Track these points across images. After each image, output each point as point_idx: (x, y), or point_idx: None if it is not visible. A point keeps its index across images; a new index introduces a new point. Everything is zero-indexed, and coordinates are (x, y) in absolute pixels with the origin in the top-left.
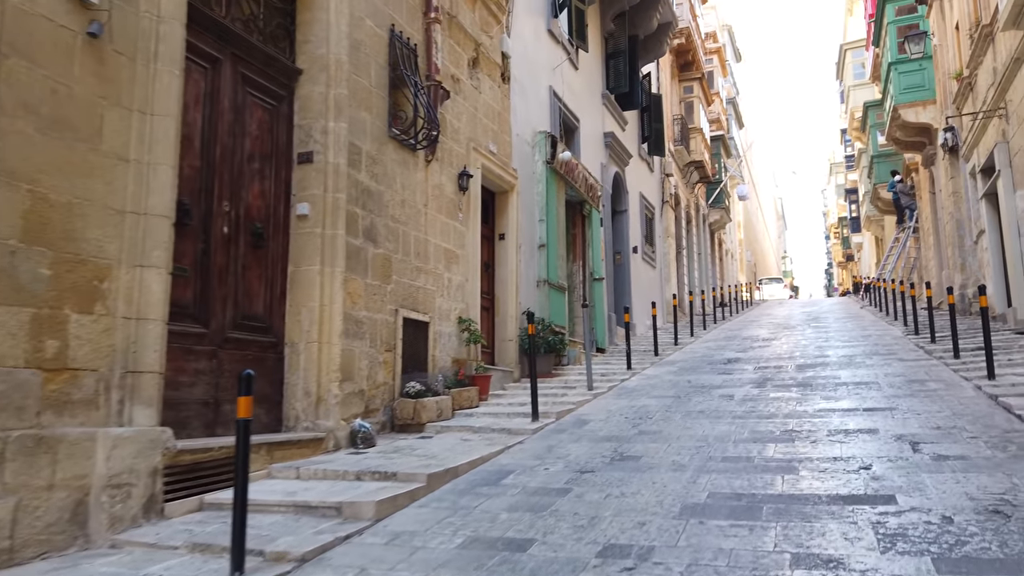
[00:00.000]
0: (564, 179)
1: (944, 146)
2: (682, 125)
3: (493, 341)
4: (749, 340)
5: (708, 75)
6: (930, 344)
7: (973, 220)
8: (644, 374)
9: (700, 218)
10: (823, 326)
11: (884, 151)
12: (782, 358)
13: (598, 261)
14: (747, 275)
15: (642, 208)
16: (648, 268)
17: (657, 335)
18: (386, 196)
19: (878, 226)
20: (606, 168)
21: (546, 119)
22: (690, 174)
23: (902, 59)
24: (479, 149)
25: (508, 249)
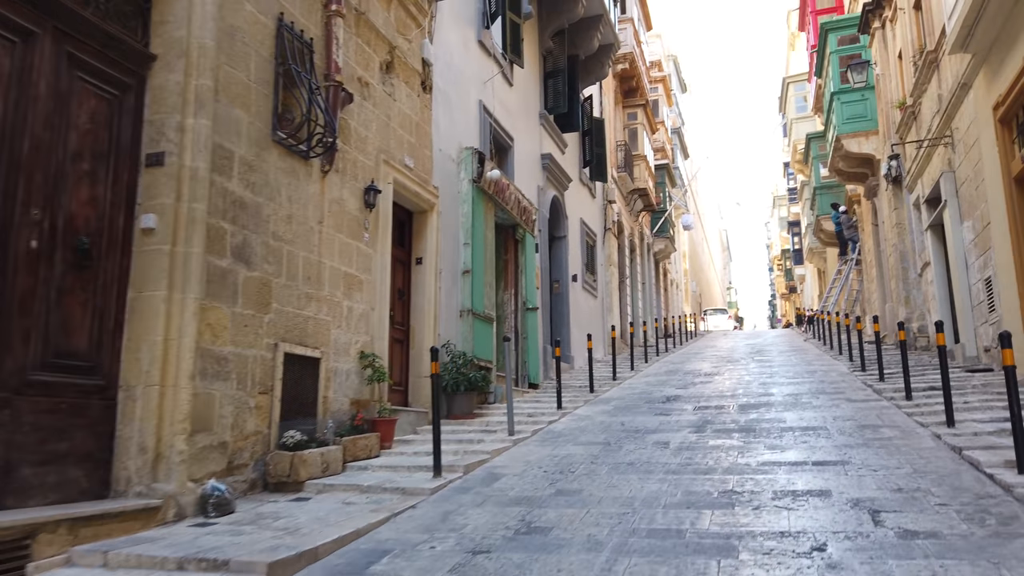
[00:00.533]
0: (494, 200)
1: (887, 176)
2: (626, 151)
3: (407, 378)
4: (691, 375)
5: (653, 103)
6: (879, 382)
7: (917, 252)
8: (576, 414)
9: (645, 247)
10: (767, 360)
11: (827, 183)
12: (724, 396)
13: (532, 290)
14: (692, 305)
15: (583, 235)
16: (589, 297)
17: (593, 370)
18: (266, 210)
19: (820, 258)
20: (543, 191)
21: (475, 135)
22: (634, 202)
23: (845, 89)
24: (392, 162)
25: (427, 275)
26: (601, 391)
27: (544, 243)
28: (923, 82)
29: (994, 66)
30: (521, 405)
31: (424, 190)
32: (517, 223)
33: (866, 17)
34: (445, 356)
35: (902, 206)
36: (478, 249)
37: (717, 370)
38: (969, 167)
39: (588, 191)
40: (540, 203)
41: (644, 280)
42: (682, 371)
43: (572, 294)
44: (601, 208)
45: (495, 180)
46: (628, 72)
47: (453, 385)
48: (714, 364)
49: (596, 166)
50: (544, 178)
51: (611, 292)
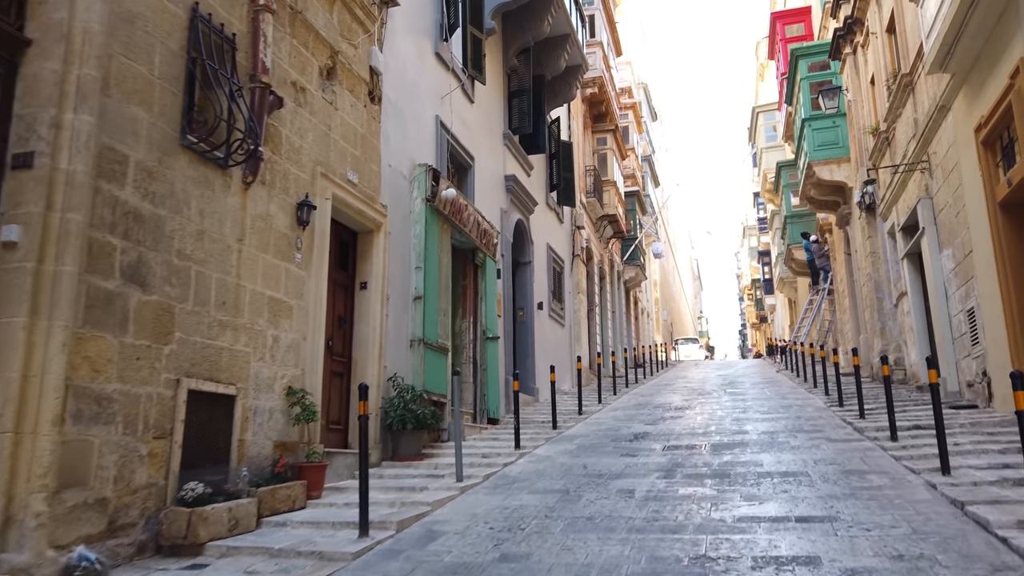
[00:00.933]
0: (450, 222)
1: (861, 204)
2: (595, 177)
3: (347, 415)
4: (661, 409)
5: (623, 130)
6: (860, 420)
7: (893, 282)
8: (535, 455)
9: (615, 275)
10: (740, 392)
11: (797, 211)
12: (696, 434)
13: (493, 318)
14: (664, 335)
15: (550, 261)
16: (556, 326)
17: (559, 403)
18: (171, 224)
19: (791, 288)
20: (507, 214)
21: (430, 152)
22: (603, 228)
23: (816, 115)
24: (331, 176)
25: (372, 301)
26: (565, 427)
27: (507, 269)
28: (897, 106)
29: (975, 86)
30: (476, 444)
31: (370, 208)
32: (477, 247)
33: (837, 43)
34: (391, 390)
35: (876, 234)
36: (431, 273)
37: (688, 404)
38: (948, 193)
39: (555, 216)
40: (503, 227)
41: (614, 309)
42: (652, 404)
43: (538, 323)
44: (569, 234)
45: (451, 200)
46: (597, 96)
47: (399, 422)
48: (685, 397)
49: (564, 190)
50: (508, 200)
51: (580, 321)
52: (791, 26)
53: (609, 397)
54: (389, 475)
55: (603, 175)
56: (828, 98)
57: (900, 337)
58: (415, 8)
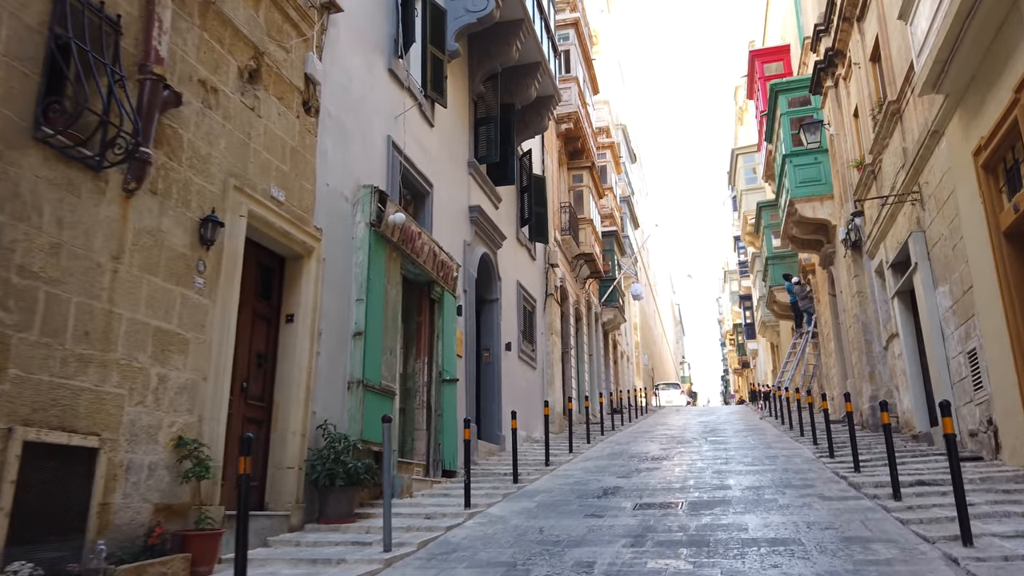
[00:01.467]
0: (400, 250)
1: (846, 241)
2: (571, 214)
3: (265, 469)
4: (637, 459)
5: (601, 169)
6: (855, 474)
7: (882, 323)
8: (488, 515)
9: (592, 316)
10: (722, 441)
11: (779, 253)
12: (672, 489)
13: (451, 358)
14: (644, 380)
15: (520, 299)
16: (527, 369)
17: (521, 454)
18: (9, 233)
19: (773, 332)
20: (471, 247)
21: (379, 174)
22: (579, 267)
23: (797, 151)
24: (249, 191)
25: (299, 336)
26: (528, 481)
27: (471, 305)
28: (884, 136)
29: (972, 107)
30: (422, 502)
31: (300, 230)
32: (433, 280)
33: (818, 76)
34: (321, 439)
35: (863, 273)
36: (375, 307)
37: (666, 453)
38: (943, 224)
39: (527, 252)
40: (466, 260)
41: (591, 351)
42: (627, 454)
43: (506, 364)
44: (542, 271)
45: (399, 225)
46: (573, 132)
47: (327, 478)
48: (664, 446)
49: (536, 226)
50: (472, 233)
51: (553, 363)
52: (770, 64)
53: (582, 445)
54: (308, 542)
55: (579, 212)
56: (810, 132)
57: (891, 382)
58: (365, 18)
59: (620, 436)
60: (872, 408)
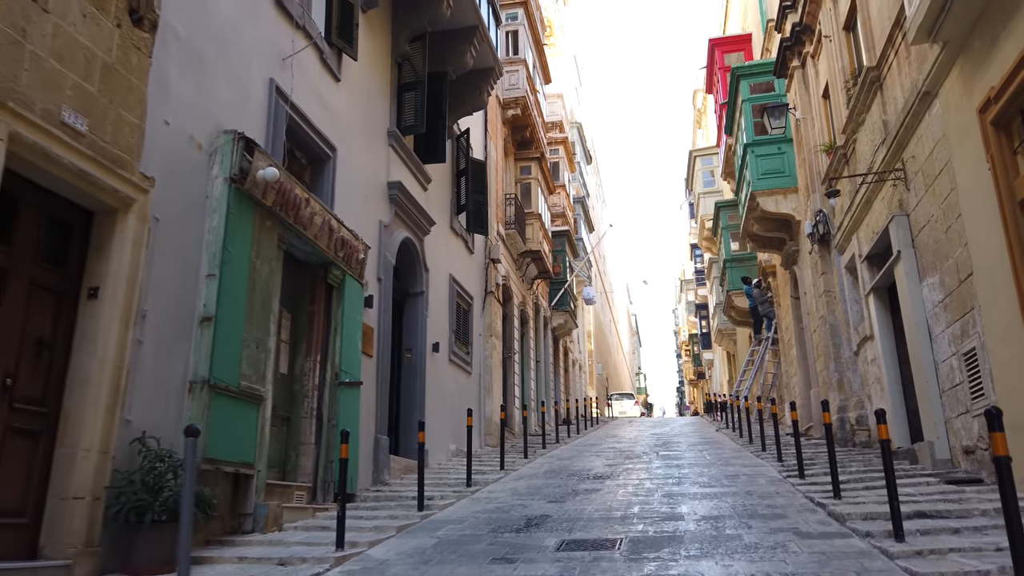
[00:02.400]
0: (278, 219)
1: (812, 236)
2: (517, 207)
3: (43, 500)
4: (577, 478)
5: (553, 166)
6: (834, 501)
7: (853, 325)
8: (364, 559)
9: (541, 320)
10: (676, 456)
11: (737, 255)
12: (612, 519)
13: (353, 357)
14: (598, 389)
15: (452, 294)
16: (460, 373)
17: (432, 474)
18: None
19: (730, 340)
20: (389, 230)
21: (257, 125)
22: (526, 266)
23: (760, 140)
24: (17, 107)
25: (105, 319)
26: (438, 507)
27: (386, 296)
28: (860, 111)
29: (978, 53)
30: (287, 539)
31: (113, 175)
32: (331, 261)
33: (783, 57)
34: (138, 458)
35: (831, 270)
36: (235, 286)
37: (612, 471)
38: (933, 204)
39: (463, 244)
40: (383, 244)
41: (539, 358)
42: (567, 471)
43: (432, 368)
44: (481, 267)
45: (272, 184)
46: (521, 120)
47: (133, 512)
48: (610, 461)
49: (475, 215)
50: (392, 213)
51: (492, 368)
52: (731, 54)
53: (518, 461)
54: None
55: (526, 207)
56: (774, 117)
57: (862, 391)
58: None
59: (564, 450)
60: (841, 420)
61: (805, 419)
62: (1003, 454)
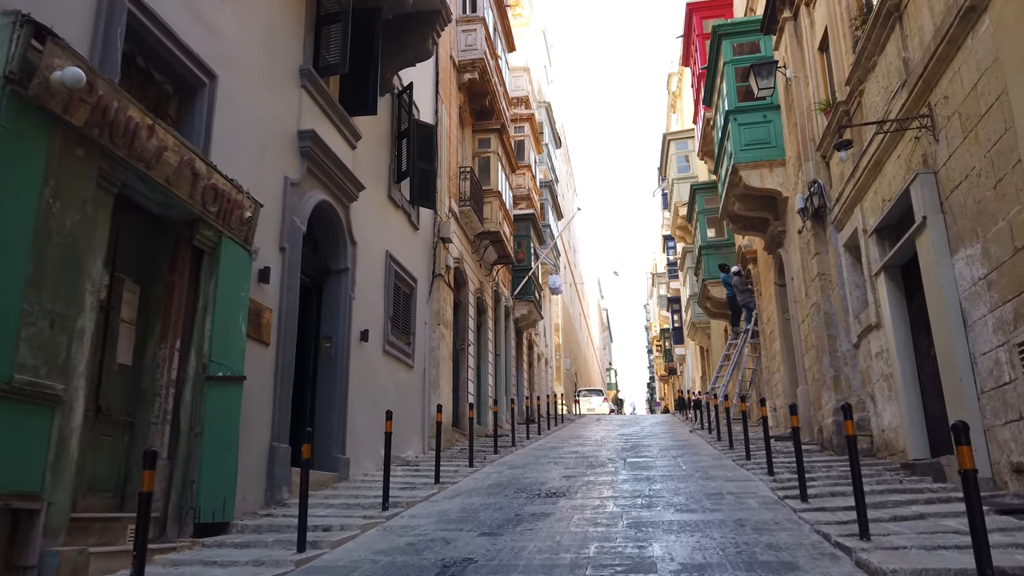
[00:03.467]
0: (101, 148)
1: (805, 211)
2: (473, 183)
3: None
4: (525, 495)
5: (518, 144)
6: (860, 543)
7: (853, 313)
8: None
9: (502, 310)
10: (645, 464)
11: (714, 242)
12: (557, 567)
13: (231, 343)
14: (566, 385)
15: (390, 275)
16: (399, 367)
17: (306, 499)
18: None
19: (704, 334)
20: (299, 190)
21: (81, 18)
22: (484, 249)
23: (744, 107)
24: None
25: None
26: (328, 544)
27: (292, 271)
28: (871, 54)
29: None
30: None
31: None
32: (198, 216)
33: (773, 7)
34: None
35: (827, 250)
36: (7, 234)
37: (570, 485)
38: (975, 154)
39: (406, 218)
40: (289, 205)
41: (499, 351)
42: (516, 486)
43: (359, 361)
44: (428, 246)
45: (77, 90)
46: (479, 86)
47: None
48: (569, 471)
49: (421, 186)
50: (303, 169)
51: (440, 362)
52: (710, 20)
53: (462, 470)
54: None
55: (484, 183)
56: (762, 76)
57: (863, 390)
58: None
59: (519, 455)
60: (837, 424)
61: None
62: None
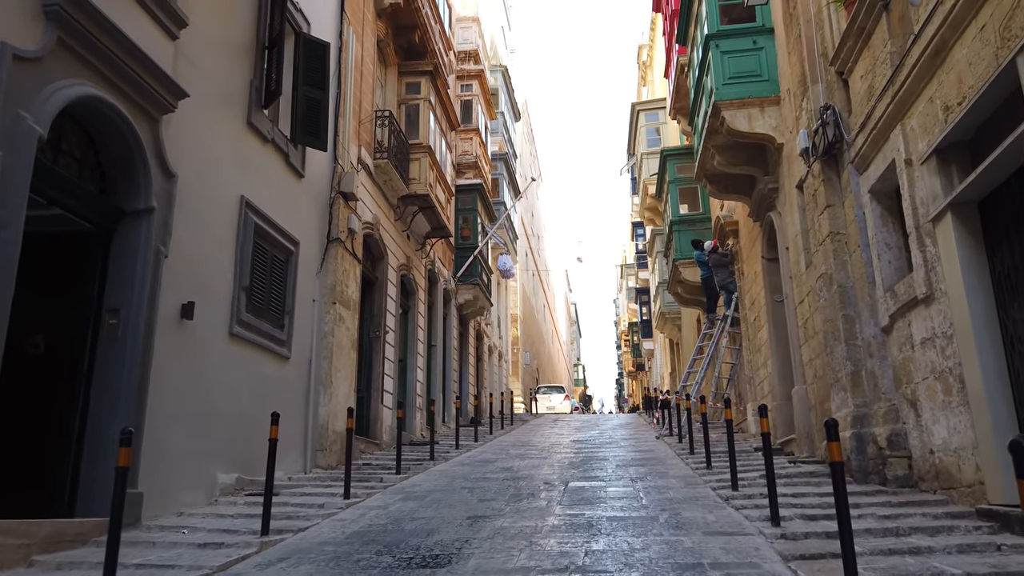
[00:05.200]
0: None
1: (810, 152)
2: (393, 131)
3: None
4: (388, 564)
5: (465, 105)
6: None
7: (884, 284)
8: None
9: (440, 294)
10: (592, 494)
11: (687, 216)
12: None
13: None
14: (526, 381)
15: (245, 231)
16: (264, 359)
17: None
18: None
19: (674, 326)
20: (39, 69)
21: None
22: (410, 217)
23: (728, 30)
24: None
25: None
26: None
27: (16, 203)
28: None
29: None
30: None
31: None
32: None
33: None
34: None
35: (841, 201)
36: None
37: (468, 538)
38: None
39: (281, 157)
40: (8, 88)
41: (435, 341)
42: (386, 541)
43: (175, 345)
44: (321, 201)
45: None
46: (404, 15)
47: None
48: (482, 507)
49: (307, 120)
50: (48, 38)
51: (334, 352)
52: None
53: (330, 504)
54: None
55: (412, 136)
56: None
57: (898, 393)
58: None
59: (431, 475)
60: (859, 438)
61: (783, 431)
62: None
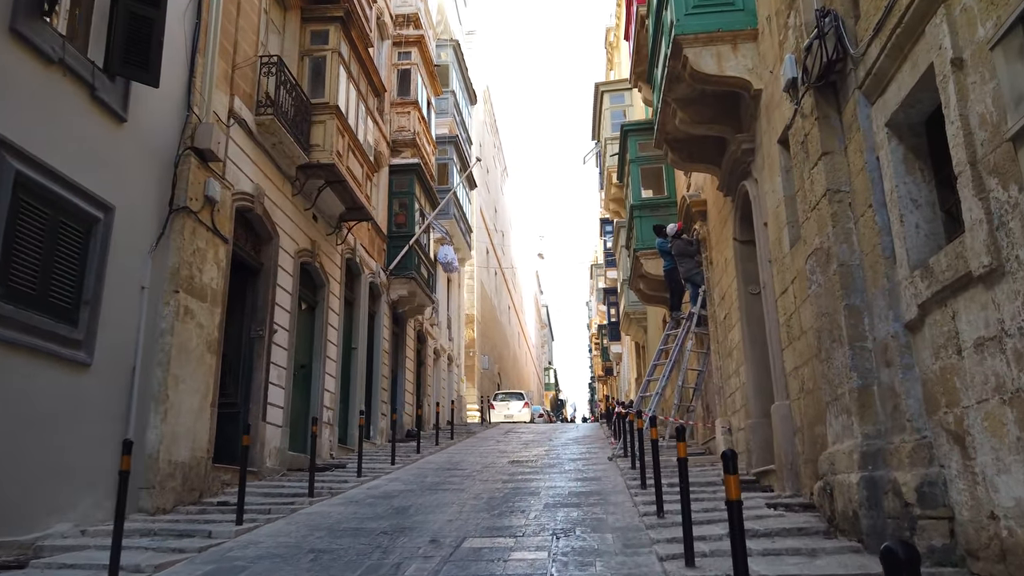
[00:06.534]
0: None
1: (798, 83)
2: (283, 81)
3: None
4: None
5: (402, 73)
6: None
7: (910, 258)
8: None
9: (364, 287)
10: (494, 556)
11: (649, 200)
12: None
13: None
14: (485, 387)
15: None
16: (46, 369)
17: None
18: None
19: (639, 327)
20: None
21: None
22: (313, 191)
23: None
24: None
25: None
26: None
27: None
28: None
29: None
30: None
31: None
32: None
33: None
34: None
35: (843, 146)
36: None
37: None
38: None
39: (82, 89)
40: None
41: (356, 342)
42: None
43: None
44: (160, 156)
45: None
46: None
47: None
48: None
49: (127, 43)
50: None
51: (172, 356)
52: None
53: None
54: None
55: (316, 94)
56: None
57: (932, 421)
58: None
59: (272, 531)
60: (871, 486)
61: (760, 458)
62: None
